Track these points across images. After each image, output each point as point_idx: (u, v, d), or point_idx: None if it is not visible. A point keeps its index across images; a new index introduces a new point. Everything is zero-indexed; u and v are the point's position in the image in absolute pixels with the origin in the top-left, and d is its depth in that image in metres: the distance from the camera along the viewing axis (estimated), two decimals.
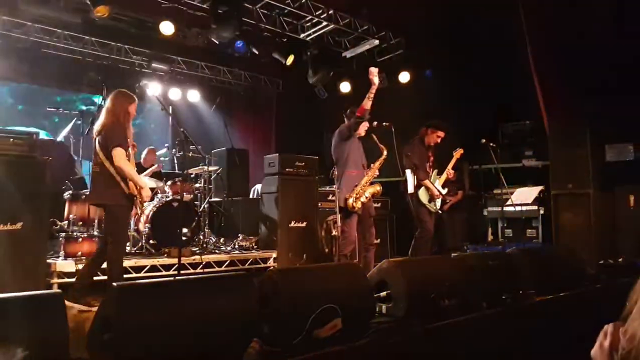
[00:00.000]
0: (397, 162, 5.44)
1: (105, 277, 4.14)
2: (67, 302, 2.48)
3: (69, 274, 4.76)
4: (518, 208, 6.98)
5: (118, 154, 3.91)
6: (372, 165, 5.14)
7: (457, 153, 5.98)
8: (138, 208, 4.15)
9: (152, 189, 6.33)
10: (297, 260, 6.15)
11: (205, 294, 2.79)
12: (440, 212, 5.59)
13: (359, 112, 4.90)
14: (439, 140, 5.76)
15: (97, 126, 4.13)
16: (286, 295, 3.00)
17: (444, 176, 5.90)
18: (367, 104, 4.90)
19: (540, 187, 7.60)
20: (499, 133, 9.20)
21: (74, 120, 6.60)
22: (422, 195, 5.43)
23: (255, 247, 6.51)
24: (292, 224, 6.25)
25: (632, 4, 6.88)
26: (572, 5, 7.27)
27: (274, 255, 6.18)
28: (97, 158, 4.06)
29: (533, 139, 8.97)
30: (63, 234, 5.19)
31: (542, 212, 7.73)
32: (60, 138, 6.76)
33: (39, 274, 4.42)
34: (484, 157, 6.69)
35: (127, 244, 5.65)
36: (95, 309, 2.94)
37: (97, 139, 4.11)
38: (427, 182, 5.43)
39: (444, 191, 5.66)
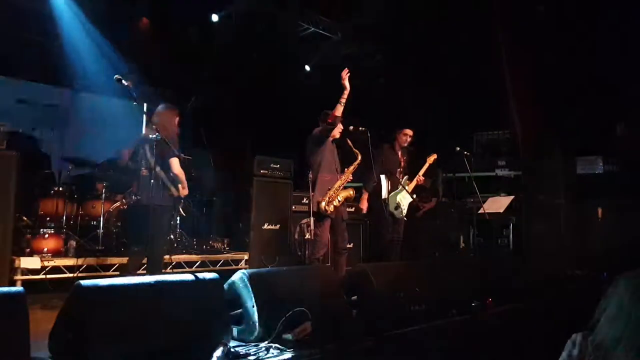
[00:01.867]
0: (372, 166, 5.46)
1: (69, 275, 4.08)
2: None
3: (33, 271, 4.63)
4: (490, 216, 7.07)
5: (176, 163, 4.32)
6: (345, 169, 5.13)
7: (430, 158, 5.97)
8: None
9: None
10: (269, 263, 6.11)
11: (173, 294, 2.74)
12: (405, 219, 5.56)
13: (330, 119, 4.82)
14: (408, 139, 5.69)
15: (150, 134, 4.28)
16: (256, 297, 2.97)
17: (413, 182, 5.87)
18: (339, 109, 4.80)
19: (512, 197, 7.72)
20: (473, 142, 9.33)
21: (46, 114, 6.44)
22: (391, 202, 5.39)
23: (228, 248, 6.44)
24: (266, 226, 6.21)
25: (603, 21, 7.06)
26: (545, 21, 7.43)
27: (246, 257, 6.14)
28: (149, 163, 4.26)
29: (507, 149, 9.12)
30: (30, 230, 5.06)
31: (513, 221, 7.85)
32: (28, 131, 6.59)
33: (3, 270, 4.28)
34: (458, 165, 6.78)
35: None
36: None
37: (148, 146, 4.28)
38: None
39: (410, 198, 5.60)
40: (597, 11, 7.15)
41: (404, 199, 5.57)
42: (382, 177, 5.65)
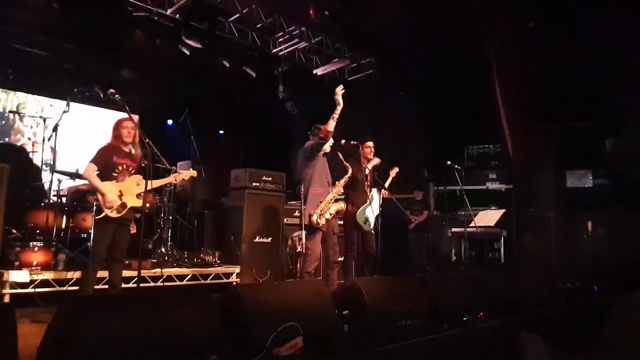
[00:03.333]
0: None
1: (59, 288, 4.08)
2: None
3: (22, 285, 4.57)
4: (481, 230, 7.10)
5: (87, 166, 4.32)
6: (337, 182, 5.13)
7: (393, 171, 5.81)
8: (106, 212, 4.28)
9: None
10: (260, 276, 6.09)
11: (164, 308, 2.72)
12: (373, 232, 5.51)
13: (322, 134, 4.78)
14: (372, 152, 5.61)
15: None
16: (248, 311, 2.96)
17: (379, 196, 5.76)
18: (331, 125, 4.74)
19: (503, 210, 7.77)
20: (464, 155, 9.41)
21: (36, 126, 6.42)
22: (359, 215, 5.36)
23: (219, 261, 6.41)
24: (257, 239, 6.20)
25: (591, 35, 7.16)
26: (535, 37, 7.53)
27: (237, 270, 6.11)
28: None
29: (497, 162, 9.20)
30: (19, 243, 5.01)
31: (504, 234, 7.89)
32: (19, 143, 6.57)
33: None
34: (449, 179, 6.81)
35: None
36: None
37: None
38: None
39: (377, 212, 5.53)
40: (587, 25, 7.26)
41: (372, 213, 5.50)
42: (374, 190, 5.65)
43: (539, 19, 7.54)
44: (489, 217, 7.60)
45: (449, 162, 6.37)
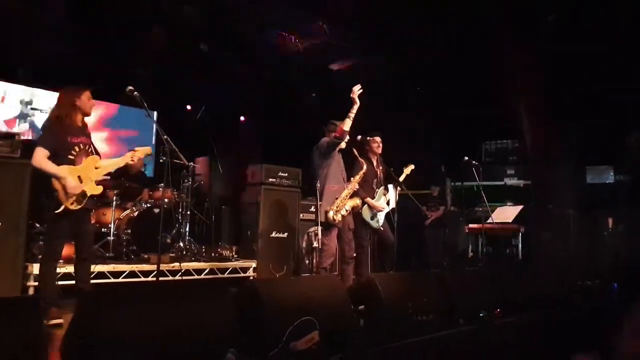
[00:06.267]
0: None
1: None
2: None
3: None
4: (498, 226, 7.05)
5: (35, 152, 3.71)
6: (352, 178, 5.14)
7: (407, 169, 5.71)
8: (65, 204, 3.69)
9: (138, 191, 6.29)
10: (277, 271, 6.13)
11: (182, 301, 2.77)
12: (381, 228, 5.50)
13: (337, 133, 4.77)
14: (380, 148, 5.58)
15: None
16: (265, 305, 2.99)
17: (395, 192, 5.71)
18: (347, 124, 4.70)
19: (521, 206, 7.70)
20: (482, 151, 9.34)
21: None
22: (365, 212, 5.35)
23: (236, 256, 6.48)
24: (274, 235, 6.25)
25: (612, 29, 7.04)
26: (555, 31, 7.43)
27: (254, 265, 6.16)
28: None
29: (516, 158, 9.12)
30: (42, 237, 5.12)
31: (522, 230, 7.83)
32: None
33: (15, 277, 4.35)
34: (466, 175, 6.77)
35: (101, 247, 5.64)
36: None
37: None
38: (368, 199, 5.33)
39: (388, 208, 5.51)
40: (607, 19, 7.14)
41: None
42: (390, 186, 5.65)
43: (558, 13, 7.43)
44: (506, 213, 7.54)
45: (466, 158, 6.33)
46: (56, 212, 3.66)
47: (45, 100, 7.98)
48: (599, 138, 7.94)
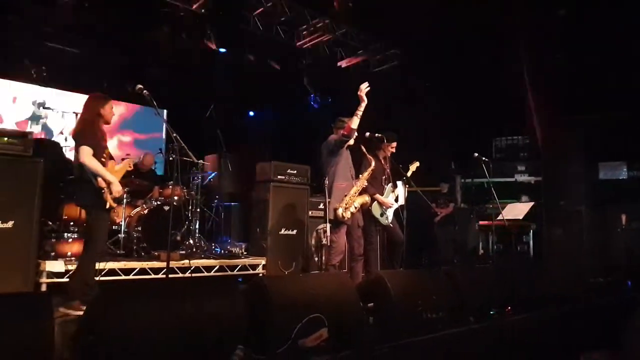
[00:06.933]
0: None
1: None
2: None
3: (58, 274, 4.74)
4: (509, 223, 7.00)
5: (84, 151, 3.94)
6: (360, 175, 5.13)
7: (413, 166, 5.69)
8: (109, 202, 4.05)
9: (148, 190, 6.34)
10: (286, 268, 6.14)
11: (191, 298, 2.78)
12: (391, 225, 5.48)
13: (345, 131, 4.76)
14: (393, 151, 5.56)
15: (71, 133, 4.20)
16: (274, 302, 3.00)
17: (405, 189, 5.69)
18: (355, 122, 4.68)
19: (531, 203, 7.63)
20: (492, 147, 9.27)
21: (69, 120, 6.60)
22: (375, 209, 5.32)
23: (245, 253, 6.49)
24: (283, 232, 6.25)
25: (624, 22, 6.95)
26: (566, 25, 7.35)
27: (263, 262, 6.18)
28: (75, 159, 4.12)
29: (527, 154, 9.04)
30: (54, 234, 5.18)
31: (533, 227, 7.76)
32: (54, 138, 6.76)
33: (28, 273, 4.41)
34: (477, 171, 6.72)
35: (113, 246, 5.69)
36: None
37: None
38: (377, 196, 5.32)
39: (396, 204, 5.50)
40: (618, 12, 7.05)
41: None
42: (399, 183, 5.63)
43: (569, 7, 7.35)
44: (517, 210, 7.47)
45: (476, 154, 6.29)
46: (107, 209, 4.04)
47: (58, 100, 8.06)
48: (612, 133, 7.83)
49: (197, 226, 6.53)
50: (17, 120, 7.93)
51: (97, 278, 4.51)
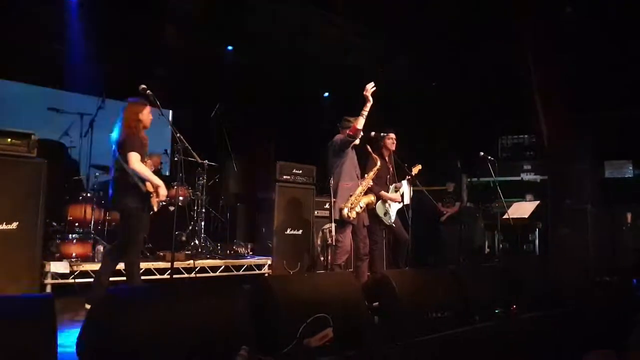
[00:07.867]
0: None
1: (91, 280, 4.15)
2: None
3: (63, 275, 4.75)
4: (514, 222, 6.97)
5: (133, 157, 4.00)
6: (366, 175, 5.11)
7: (415, 169, 5.61)
8: (155, 206, 4.15)
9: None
10: (291, 268, 6.14)
11: (196, 299, 2.78)
12: (394, 225, 5.47)
13: (351, 131, 4.74)
14: (394, 144, 5.54)
15: (114, 136, 4.18)
16: (279, 302, 2.99)
17: (410, 188, 5.67)
18: (360, 122, 4.67)
19: (537, 202, 7.60)
20: (498, 146, 9.24)
21: (72, 122, 6.61)
22: (378, 209, 5.30)
23: (251, 253, 6.50)
24: (288, 232, 6.25)
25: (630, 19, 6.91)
26: (572, 23, 7.31)
27: (269, 262, 6.18)
28: (117, 165, 4.10)
29: (532, 153, 9.00)
30: (59, 235, 5.20)
31: (539, 226, 7.73)
32: (58, 139, 6.77)
33: (33, 275, 4.41)
34: (482, 170, 6.70)
35: None
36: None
37: (115, 148, 4.14)
38: (383, 193, 5.30)
39: (401, 203, 5.48)
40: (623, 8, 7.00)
41: (392, 206, 5.46)
42: (404, 182, 5.62)
43: (575, 5, 7.31)
44: (523, 209, 7.44)
45: (482, 153, 6.27)
46: (148, 212, 4.12)
47: (62, 101, 8.08)
48: (617, 131, 7.79)
49: (202, 226, 6.54)
50: (22, 121, 7.96)
51: None
